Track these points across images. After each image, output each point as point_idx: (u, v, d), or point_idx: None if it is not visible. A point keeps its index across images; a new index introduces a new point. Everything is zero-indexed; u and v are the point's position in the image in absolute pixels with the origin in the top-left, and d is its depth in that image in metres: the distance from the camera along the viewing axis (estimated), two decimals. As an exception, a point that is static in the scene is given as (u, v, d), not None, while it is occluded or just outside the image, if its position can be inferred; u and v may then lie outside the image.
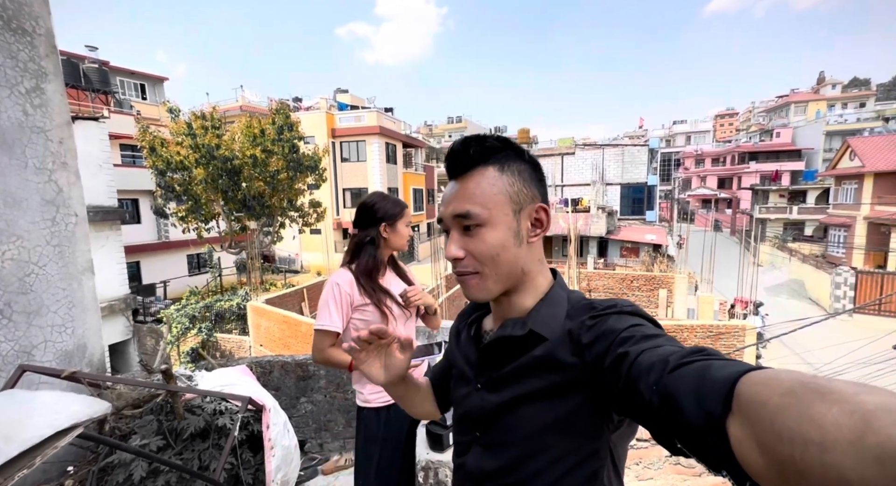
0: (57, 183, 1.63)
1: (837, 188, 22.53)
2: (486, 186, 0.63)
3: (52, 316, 1.59)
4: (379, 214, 1.44)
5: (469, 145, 0.63)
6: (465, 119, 43.84)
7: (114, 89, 18.99)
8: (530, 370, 0.60)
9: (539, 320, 0.62)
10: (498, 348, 0.65)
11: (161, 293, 15.09)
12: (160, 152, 11.96)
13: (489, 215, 0.62)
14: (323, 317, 1.36)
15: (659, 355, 0.45)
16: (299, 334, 8.68)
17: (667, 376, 0.41)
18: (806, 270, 18.58)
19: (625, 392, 0.47)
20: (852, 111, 38.69)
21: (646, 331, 0.52)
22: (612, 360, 0.50)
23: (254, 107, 23.47)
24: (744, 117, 57.97)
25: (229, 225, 13.77)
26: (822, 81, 43.98)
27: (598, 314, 0.57)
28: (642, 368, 0.45)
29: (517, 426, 0.62)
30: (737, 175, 37.19)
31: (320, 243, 19.24)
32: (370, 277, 1.41)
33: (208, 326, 10.54)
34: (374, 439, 1.36)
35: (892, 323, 11.62)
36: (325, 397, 2.14)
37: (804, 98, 41.90)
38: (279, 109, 13.59)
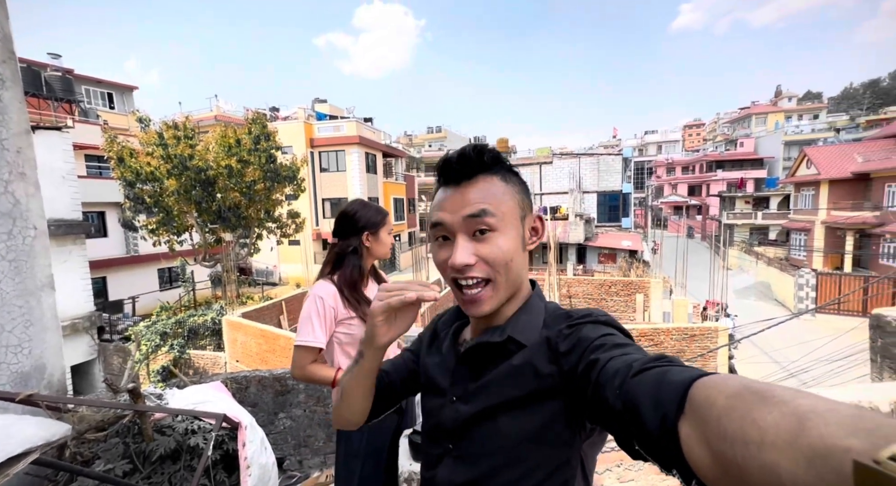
0: (14, 195, 1.55)
1: (797, 195, 23.85)
2: (495, 191, 0.62)
3: (7, 336, 1.48)
4: (361, 223, 1.41)
5: (481, 152, 0.63)
6: (444, 129, 44.26)
7: (79, 98, 18.28)
8: (507, 379, 0.60)
9: (517, 328, 0.62)
10: (476, 355, 0.65)
11: (129, 310, 14.40)
12: (129, 163, 11.53)
13: (503, 220, 0.61)
14: (305, 332, 1.30)
15: (624, 361, 0.46)
16: (278, 348, 8.42)
17: (629, 381, 0.43)
18: (772, 272, 19.46)
19: (593, 398, 0.49)
20: (807, 122, 41.27)
21: (616, 340, 0.53)
22: (584, 367, 0.52)
23: (229, 117, 23.00)
24: (710, 128, 60.84)
25: (203, 237, 13.33)
26: (779, 94, 46.77)
27: (574, 323, 0.59)
28: (608, 374, 0.47)
29: (491, 437, 0.61)
30: (705, 183, 38.87)
31: (299, 254, 18.86)
32: (355, 288, 1.37)
33: (181, 342, 10.10)
34: (356, 454, 1.32)
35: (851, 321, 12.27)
36: (305, 412, 2.07)
37: (764, 110, 44.40)
38: (255, 118, 13.37)
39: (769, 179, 33.04)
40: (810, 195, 22.28)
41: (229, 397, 1.70)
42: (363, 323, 1.35)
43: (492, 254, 0.60)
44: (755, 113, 44.30)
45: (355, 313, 1.34)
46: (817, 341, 8.55)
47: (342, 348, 1.38)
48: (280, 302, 11.66)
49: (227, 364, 9.72)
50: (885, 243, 17.43)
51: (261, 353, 8.77)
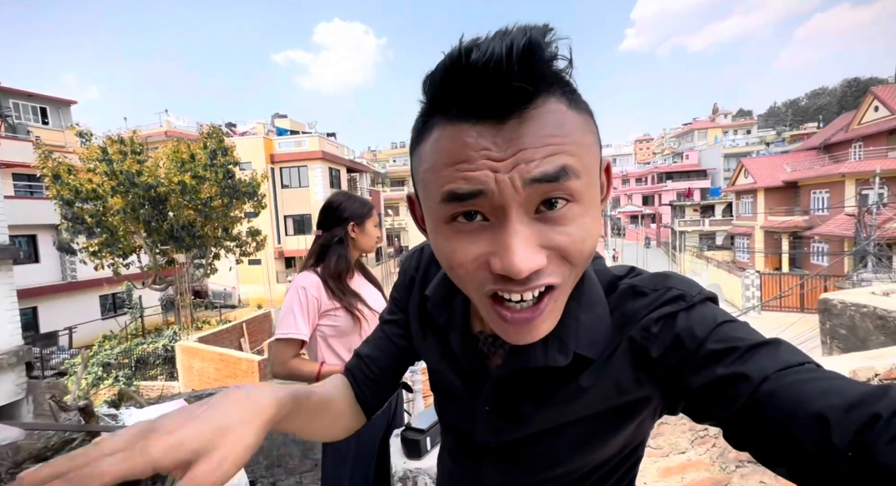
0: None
1: (738, 202, 25.96)
2: (571, 127, 0.35)
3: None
4: (346, 214, 1.37)
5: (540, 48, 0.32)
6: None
7: (6, 112, 16.79)
8: (573, 401, 0.45)
9: (584, 337, 0.44)
10: (519, 378, 0.47)
11: (65, 342, 13.04)
12: (67, 180, 10.63)
13: (587, 182, 0.36)
14: (286, 325, 1.23)
15: (828, 393, 0.31)
16: (239, 372, 7.89)
17: (885, 447, 0.28)
18: (721, 275, 20.87)
19: (740, 424, 0.36)
20: (741, 137, 45.37)
21: (742, 334, 0.38)
22: (710, 383, 0.37)
23: (181, 132, 21.95)
24: (658, 142, 65.37)
25: (153, 259, 12.44)
26: (716, 111, 51.21)
27: (663, 313, 0.41)
28: (793, 409, 0.32)
29: (551, 453, 0.48)
30: (657, 193, 41.50)
31: (260, 273, 18.01)
32: (339, 279, 1.31)
33: (127, 373, 9.23)
34: (344, 459, 1.23)
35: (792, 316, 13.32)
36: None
37: (704, 126, 48.39)
38: (210, 133, 12.83)
39: (713, 189, 35.81)
40: (749, 202, 24.31)
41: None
42: (348, 314, 1.29)
43: (576, 242, 0.36)
44: (697, 128, 48.19)
45: (340, 304, 1.29)
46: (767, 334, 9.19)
47: (326, 341, 1.31)
48: (241, 324, 11.03)
49: (180, 393, 8.96)
50: (815, 243, 19.25)
51: (220, 378, 8.18)
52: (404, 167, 37.56)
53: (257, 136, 20.19)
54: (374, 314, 1.35)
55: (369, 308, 1.35)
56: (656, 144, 66.11)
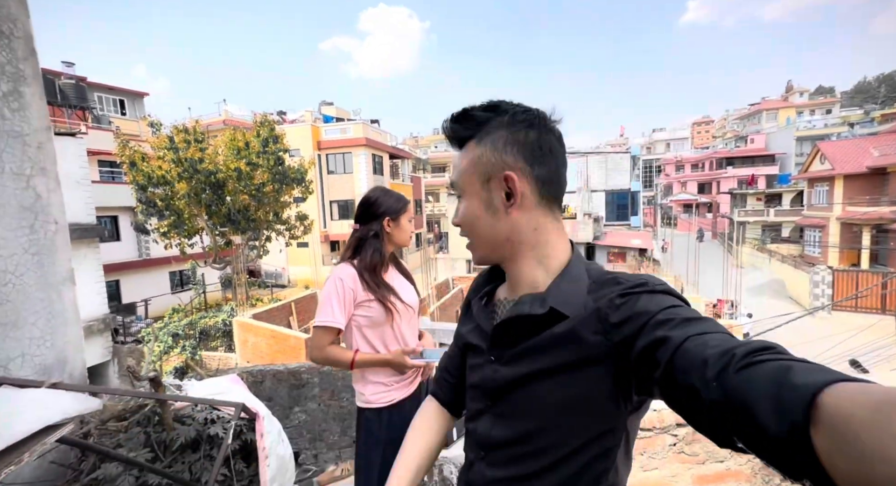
0: (35, 189, 1.57)
1: (810, 191, 23.40)
2: (467, 159, 0.65)
3: (31, 328, 1.51)
4: (381, 209, 1.42)
5: (456, 120, 0.66)
6: (450, 130, 44.15)
7: (92, 105, 18.64)
8: (548, 347, 0.59)
9: (560, 297, 0.59)
10: (514, 324, 0.63)
11: (142, 312, 14.61)
12: (141, 167, 11.72)
13: (464, 187, 0.66)
14: (325, 313, 1.32)
15: (716, 346, 0.41)
16: (288, 348, 8.47)
17: (734, 374, 0.38)
18: (785, 270, 19.12)
19: (665, 380, 0.45)
20: (819, 117, 40.51)
21: (683, 313, 0.49)
22: (648, 344, 0.48)
23: (237, 121, 23.28)
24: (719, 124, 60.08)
25: (213, 240, 13.48)
26: (790, 90, 46.03)
27: (628, 292, 0.55)
28: (693, 358, 0.42)
29: (529, 401, 0.60)
30: (715, 180, 38.36)
31: (307, 256, 18.98)
32: (374, 272, 1.37)
33: (192, 344, 10.22)
34: (377, 442, 1.32)
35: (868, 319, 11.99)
36: (319, 406, 2.07)
37: (775, 106, 43.72)
38: (263, 121, 13.51)
39: (781, 176, 32.52)
40: (824, 191, 21.84)
41: (245, 390, 1.71)
42: (382, 306, 1.35)
43: (460, 219, 0.67)
44: (766, 109, 43.64)
45: (374, 296, 1.35)
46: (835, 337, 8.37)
47: (360, 331, 1.39)
48: (289, 303, 11.74)
49: (237, 366, 9.81)
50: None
51: (271, 353, 8.83)
52: (445, 153, 37.47)
53: (305, 123, 20.96)
54: (406, 307, 1.41)
55: (401, 301, 1.40)
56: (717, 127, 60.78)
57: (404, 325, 1.43)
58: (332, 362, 1.34)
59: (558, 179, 0.64)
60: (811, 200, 23.29)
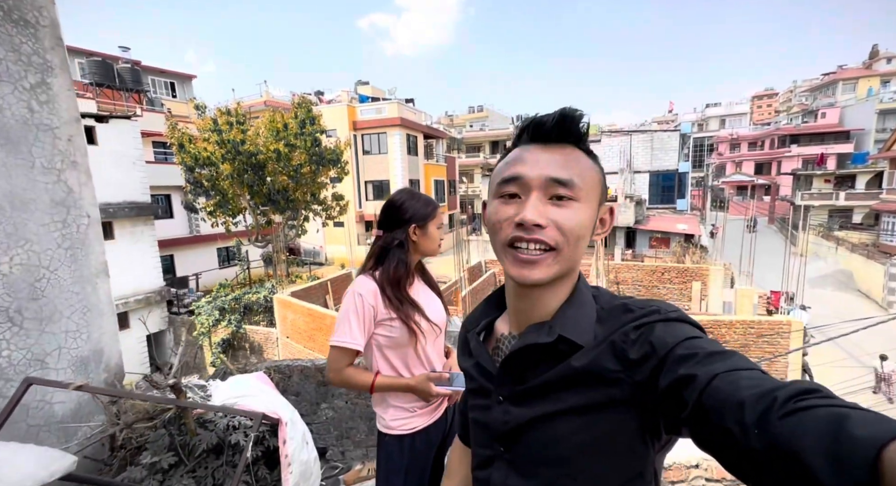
0: (66, 183, 1.57)
1: (893, 172, 20.80)
2: (584, 164, 0.58)
3: (66, 322, 1.53)
4: (407, 215, 1.27)
5: (578, 120, 0.58)
6: (486, 108, 43.04)
7: (145, 88, 19.62)
8: (565, 384, 0.55)
9: (568, 324, 0.56)
10: (521, 357, 0.58)
11: (194, 285, 15.66)
12: (188, 149, 12.26)
13: (587, 194, 0.57)
14: (342, 332, 1.20)
15: (753, 387, 0.39)
16: (324, 326, 8.77)
17: (778, 421, 0.35)
18: (855, 260, 17.35)
19: (694, 422, 0.42)
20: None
21: (705, 346, 0.46)
22: (672, 382, 0.45)
23: (277, 101, 23.78)
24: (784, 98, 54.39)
25: (255, 219, 14.05)
26: (875, 56, 40.47)
27: (641, 322, 0.52)
28: (725, 399, 0.39)
29: (549, 445, 0.56)
30: (776, 160, 35.05)
31: (343, 235, 19.44)
32: (398, 286, 1.23)
33: (237, 318, 10.83)
34: (397, 470, 1.24)
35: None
36: (347, 404, 2.05)
37: (854, 75, 38.72)
38: (300, 103, 13.65)
39: (856, 155, 29.08)
40: (909, 173, 19.35)
41: (271, 389, 1.67)
42: (405, 325, 1.22)
43: (568, 222, 0.55)
44: (843, 78, 38.77)
45: (396, 314, 1.22)
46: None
47: (381, 351, 1.27)
48: (326, 282, 12.12)
49: (278, 340, 10.33)
50: None
51: (308, 330, 9.19)
52: (480, 132, 36.59)
53: (342, 104, 21.04)
54: (431, 327, 1.28)
55: (427, 319, 1.27)
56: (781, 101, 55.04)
57: (430, 346, 1.29)
58: (350, 385, 1.24)
59: None
60: (893, 182, 20.73)
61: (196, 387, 1.47)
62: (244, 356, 10.90)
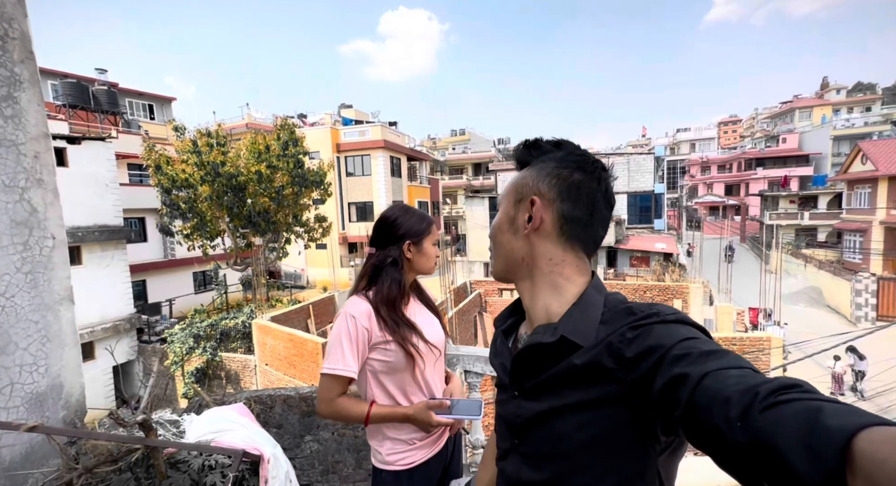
0: (30, 202, 1.46)
1: (850, 193, 22.09)
2: (513, 178, 0.71)
3: (22, 354, 1.39)
4: (401, 231, 1.21)
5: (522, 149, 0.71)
6: (468, 132, 44.04)
7: (122, 110, 19.28)
8: (567, 381, 0.58)
9: (571, 326, 0.59)
10: (530, 355, 0.62)
11: (167, 312, 14.95)
12: (165, 170, 11.98)
13: (500, 202, 0.71)
14: (334, 358, 1.10)
15: (738, 383, 0.40)
16: (305, 352, 8.43)
17: (759, 414, 0.37)
18: (823, 277, 18.08)
19: (687, 419, 0.44)
20: (859, 115, 38.37)
21: (701, 346, 0.47)
22: (666, 381, 0.46)
23: (259, 124, 23.72)
24: (747, 124, 57.75)
25: (234, 242, 13.68)
26: (825, 87, 43.85)
27: (639, 324, 0.53)
28: (714, 396, 0.41)
29: (552, 440, 0.59)
30: (744, 181, 36.82)
31: (326, 257, 19.11)
32: (393, 307, 1.16)
33: (213, 345, 10.32)
34: None
35: (920, 331, 11.11)
36: (333, 435, 1.90)
37: (809, 103, 41.69)
38: (284, 125, 13.64)
39: (817, 177, 30.87)
40: (866, 193, 20.58)
41: (251, 422, 1.54)
42: (401, 349, 1.14)
43: (490, 228, 0.72)
44: (799, 107, 41.65)
45: (392, 337, 1.14)
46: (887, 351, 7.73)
47: (377, 378, 1.18)
48: (308, 306, 11.77)
49: (256, 368, 9.85)
50: (956, 244, 15.83)
51: (289, 357, 8.81)
52: (463, 155, 37.26)
53: (325, 126, 21.15)
54: (430, 349, 1.20)
55: (425, 341, 1.19)
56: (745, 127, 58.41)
57: (429, 370, 1.21)
58: (343, 418, 1.14)
59: (587, 224, 0.64)
60: (851, 202, 21.98)
61: (168, 423, 1.33)
62: (220, 386, 10.32)
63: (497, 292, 14.02)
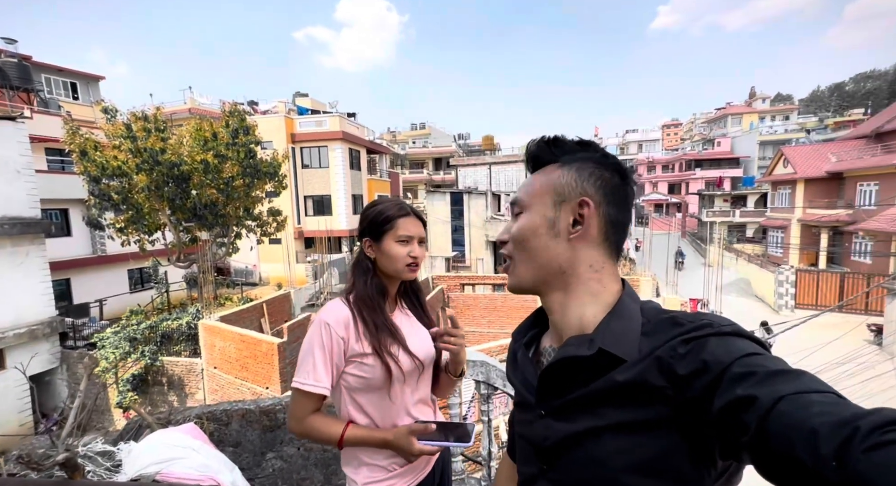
0: None
1: (774, 193, 24.54)
2: (538, 179, 0.64)
3: None
4: (362, 226, 1.08)
5: (542, 146, 0.65)
6: (428, 126, 43.75)
7: (38, 87, 17.04)
8: (607, 399, 0.52)
9: (609, 337, 0.54)
10: (562, 370, 0.57)
11: (96, 313, 13.52)
12: (93, 157, 10.73)
13: (529, 203, 0.63)
14: (304, 372, 0.97)
15: (827, 413, 0.36)
16: (259, 353, 7.95)
17: (861, 454, 0.32)
18: (751, 269, 19.95)
19: (758, 448, 0.39)
20: (780, 123, 42.70)
21: (766, 363, 0.43)
22: (728, 402, 0.42)
23: (204, 110, 22.00)
24: (687, 127, 62.30)
25: (177, 236, 12.61)
26: (753, 96, 48.22)
27: (692, 336, 0.48)
28: (795, 426, 0.36)
29: (592, 464, 0.53)
30: (685, 181, 39.76)
31: (280, 253, 18.19)
32: (373, 307, 1.02)
33: (153, 348, 9.45)
34: None
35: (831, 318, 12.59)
36: (299, 451, 1.73)
37: (739, 111, 45.70)
38: (233, 111, 12.70)
39: (746, 178, 34.01)
40: (787, 194, 22.95)
41: (205, 445, 1.34)
42: (380, 362, 0.99)
43: (512, 232, 0.64)
44: (731, 113, 45.55)
45: (371, 346, 0.99)
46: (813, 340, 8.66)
47: (351, 395, 1.03)
48: (261, 304, 11.15)
49: (204, 371, 9.15)
50: (857, 240, 18.07)
51: (240, 359, 8.28)
52: (424, 149, 36.98)
53: (279, 115, 20.03)
54: (413, 362, 1.04)
55: (408, 352, 1.03)
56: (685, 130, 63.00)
57: (411, 388, 1.06)
58: (315, 438, 1.00)
59: (624, 229, 0.62)
60: (774, 202, 24.42)
61: (99, 456, 1.11)
62: (161, 393, 9.50)
63: (459, 287, 14.07)
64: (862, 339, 11.73)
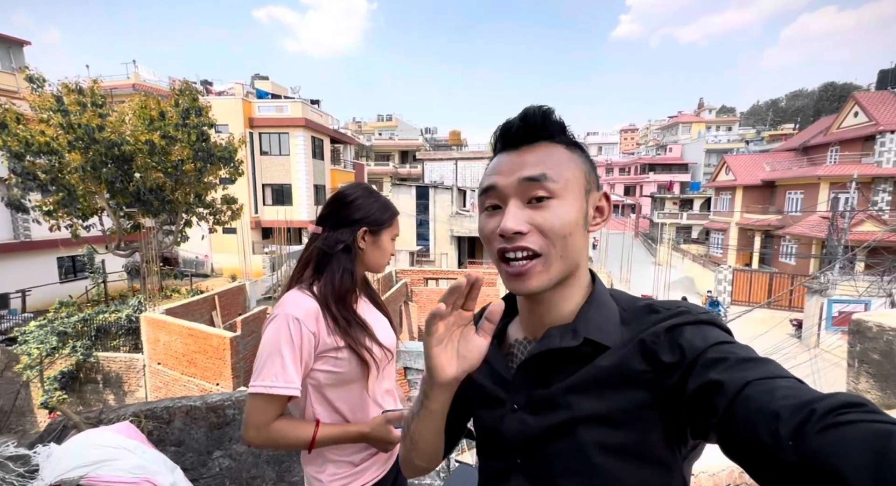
0: None
1: (717, 198, 26.51)
2: (559, 157, 0.55)
3: None
4: (358, 214, 1.00)
5: (546, 115, 0.56)
6: (395, 118, 43.06)
7: (-53, 48, 14.96)
8: (591, 387, 0.52)
9: (591, 326, 0.54)
10: (541, 362, 0.56)
11: (17, 305, 12.20)
12: (15, 130, 9.59)
13: (564, 187, 0.54)
14: (270, 373, 0.87)
15: (788, 397, 0.38)
16: (209, 348, 7.51)
17: (816, 435, 0.34)
18: (695, 268, 21.47)
19: (724, 429, 0.41)
20: (723, 134, 46.09)
21: (737, 351, 0.45)
22: (700, 386, 0.44)
23: (150, 86, 20.28)
24: (643, 133, 65.72)
25: (117, 222, 11.60)
26: (702, 106, 51.68)
27: (671, 323, 0.50)
28: (758, 408, 0.38)
29: (572, 455, 0.52)
30: (639, 184, 42.02)
31: (235, 243, 17.25)
32: (344, 303, 0.95)
33: (86, 344, 8.65)
34: None
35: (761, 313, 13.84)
36: (249, 448, 1.62)
37: (689, 120, 48.82)
38: (184, 89, 11.80)
39: (693, 183, 36.47)
40: (728, 199, 24.86)
41: (142, 444, 1.23)
42: (355, 355, 0.94)
43: (547, 223, 0.53)
44: (682, 122, 48.57)
45: (344, 341, 0.93)
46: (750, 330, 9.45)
47: (320, 392, 0.96)
48: (213, 297, 10.52)
49: (146, 368, 8.51)
50: (785, 243, 19.95)
51: (188, 354, 7.78)
52: (390, 141, 36.42)
53: (235, 97, 18.89)
54: (385, 354, 1.02)
55: (379, 345, 1.00)
56: (641, 135, 66.46)
57: (380, 377, 1.03)
58: (280, 446, 0.91)
59: None
60: (717, 206, 26.39)
61: (10, 461, 0.98)
62: (96, 391, 8.75)
63: (423, 281, 14.04)
64: (785, 332, 13.00)
